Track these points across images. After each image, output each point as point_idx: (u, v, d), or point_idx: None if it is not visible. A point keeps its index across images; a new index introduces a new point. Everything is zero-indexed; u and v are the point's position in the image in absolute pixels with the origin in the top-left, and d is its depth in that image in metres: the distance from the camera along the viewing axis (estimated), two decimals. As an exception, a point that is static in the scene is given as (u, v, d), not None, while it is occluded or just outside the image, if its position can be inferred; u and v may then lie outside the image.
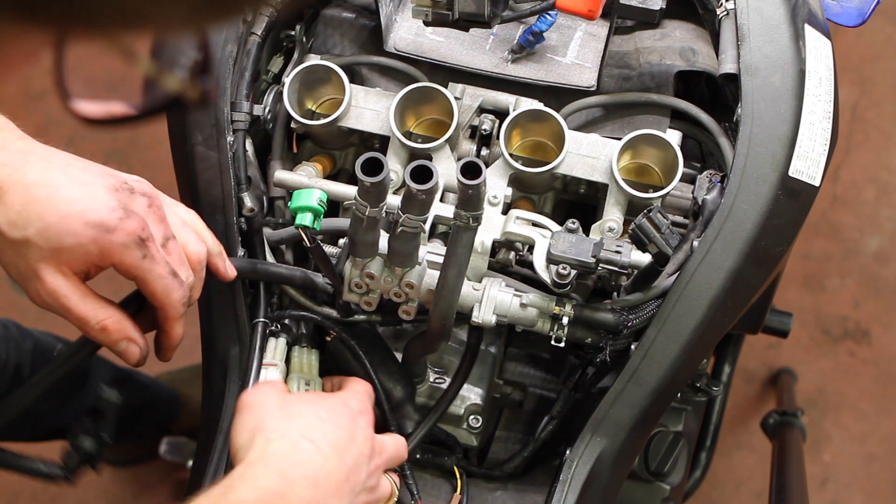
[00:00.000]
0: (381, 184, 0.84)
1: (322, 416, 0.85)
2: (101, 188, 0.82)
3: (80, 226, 0.80)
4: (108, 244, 0.81)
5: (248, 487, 0.77)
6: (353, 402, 0.90)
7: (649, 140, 1.00)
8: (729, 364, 1.74)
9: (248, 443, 0.82)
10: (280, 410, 0.85)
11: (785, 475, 1.55)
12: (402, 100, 1.02)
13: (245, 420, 0.85)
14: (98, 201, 0.81)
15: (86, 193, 0.81)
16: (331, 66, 1.04)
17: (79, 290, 0.83)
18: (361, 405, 0.91)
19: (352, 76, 1.10)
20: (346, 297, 0.98)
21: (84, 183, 0.82)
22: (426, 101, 1.05)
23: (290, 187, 1.04)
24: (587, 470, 0.97)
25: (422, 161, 0.83)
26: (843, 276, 2.14)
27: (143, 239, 0.82)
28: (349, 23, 1.12)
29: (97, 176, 0.83)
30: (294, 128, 1.07)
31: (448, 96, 1.02)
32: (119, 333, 0.86)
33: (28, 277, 0.82)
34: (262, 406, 0.86)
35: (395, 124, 1.02)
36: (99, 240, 0.81)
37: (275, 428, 0.83)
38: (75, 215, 0.80)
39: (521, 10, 1.02)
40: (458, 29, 1.02)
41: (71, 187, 0.81)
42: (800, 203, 0.99)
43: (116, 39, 0.38)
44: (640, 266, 0.96)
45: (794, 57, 0.99)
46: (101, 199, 0.81)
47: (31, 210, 0.79)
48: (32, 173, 0.80)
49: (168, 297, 0.86)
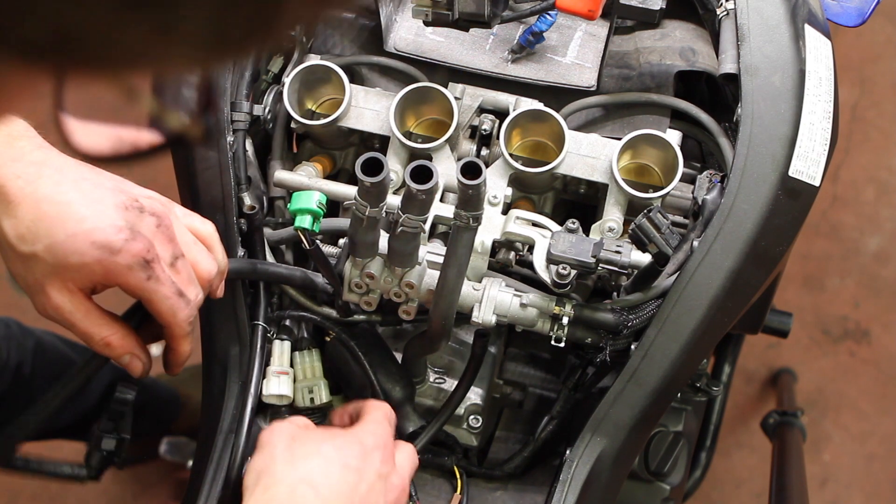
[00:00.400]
0: (381, 184, 0.84)
1: (329, 457, 0.83)
2: (111, 206, 0.82)
3: (87, 245, 0.81)
4: (113, 265, 0.82)
5: None
6: (368, 437, 0.86)
7: (649, 140, 1.00)
8: (729, 364, 1.74)
9: (253, 485, 0.82)
10: (286, 452, 0.83)
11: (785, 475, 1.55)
12: (402, 100, 1.02)
13: (255, 461, 0.84)
14: (105, 221, 0.81)
15: (95, 212, 0.81)
16: (331, 66, 1.04)
17: (83, 307, 0.85)
18: (377, 439, 0.87)
19: (352, 76, 1.10)
20: (346, 297, 0.98)
21: (94, 200, 0.82)
22: (426, 101, 1.05)
23: (290, 187, 1.04)
24: (587, 470, 0.97)
25: (422, 161, 0.83)
26: (843, 276, 2.14)
27: (149, 260, 0.83)
28: (349, 23, 1.13)
29: (108, 193, 0.83)
30: (294, 128, 1.07)
31: (448, 96, 1.02)
32: (123, 349, 0.88)
33: (34, 291, 0.84)
34: (272, 447, 0.84)
35: (395, 124, 1.02)
36: (104, 260, 0.81)
37: (277, 472, 0.82)
38: (82, 234, 0.80)
39: (521, 10, 1.02)
40: (458, 29, 1.02)
41: (81, 205, 0.81)
42: (800, 203, 0.99)
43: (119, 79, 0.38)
44: (640, 266, 0.96)
45: (794, 57, 0.99)
46: (108, 218, 0.81)
47: (40, 226, 0.80)
48: (45, 187, 0.81)
49: (174, 316, 0.87)
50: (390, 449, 0.88)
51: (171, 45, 0.36)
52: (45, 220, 0.80)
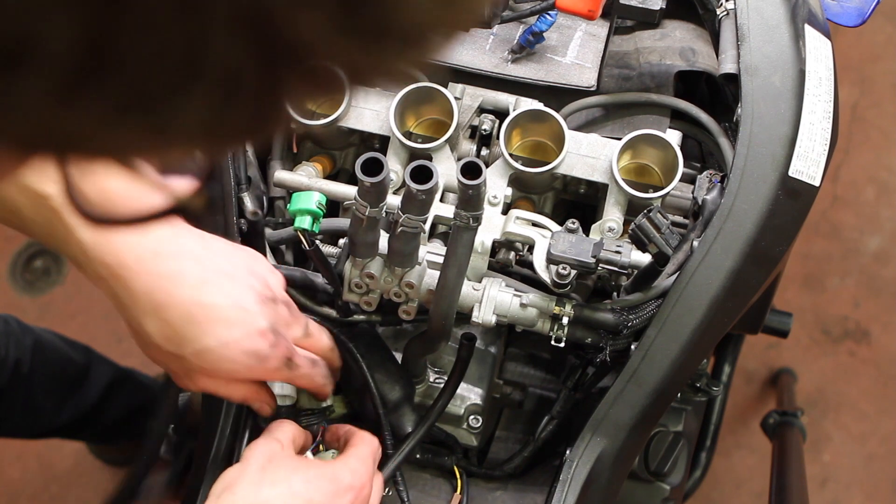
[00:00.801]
0: (381, 184, 0.84)
1: (296, 490, 0.83)
2: (253, 304, 0.84)
3: (237, 354, 0.83)
4: (262, 370, 0.86)
5: None
6: (345, 475, 0.86)
7: (649, 140, 1.00)
8: (729, 364, 1.74)
9: (215, 497, 0.83)
10: (257, 474, 0.83)
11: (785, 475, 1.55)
12: (401, 100, 1.02)
13: (229, 472, 0.85)
14: (252, 326, 0.84)
15: (241, 318, 0.83)
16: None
17: (224, 385, 0.89)
18: (353, 479, 0.86)
19: (352, 76, 1.09)
20: (345, 297, 0.98)
21: (238, 301, 0.84)
22: (426, 101, 1.05)
23: (290, 187, 1.04)
24: (587, 470, 0.97)
25: (422, 161, 0.83)
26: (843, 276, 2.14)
27: (290, 357, 0.87)
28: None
29: (246, 287, 0.85)
30: (294, 128, 1.07)
31: (448, 96, 1.02)
32: (256, 400, 0.93)
33: (176, 375, 0.88)
34: (247, 463, 0.85)
35: (395, 124, 1.02)
36: (253, 367, 0.85)
37: (239, 491, 0.82)
38: (233, 344, 0.83)
39: (521, 10, 1.02)
40: (458, 29, 1.02)
41: (227, 308, 0.83)
42: (800, 203, 0.99)
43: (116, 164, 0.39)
44: (640, 266, 0.96)
45: (794, 57, 0.99)
46: (254, 322, 0.84)
47: (188, 331, 0.82)
48: (189, 288, 0.82)
49: (313, 383, 0.93)
50: (366, 491, 0.87)
51: (166, 140, 0.36)
52: (193, 326, 0.82)
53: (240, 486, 0.83)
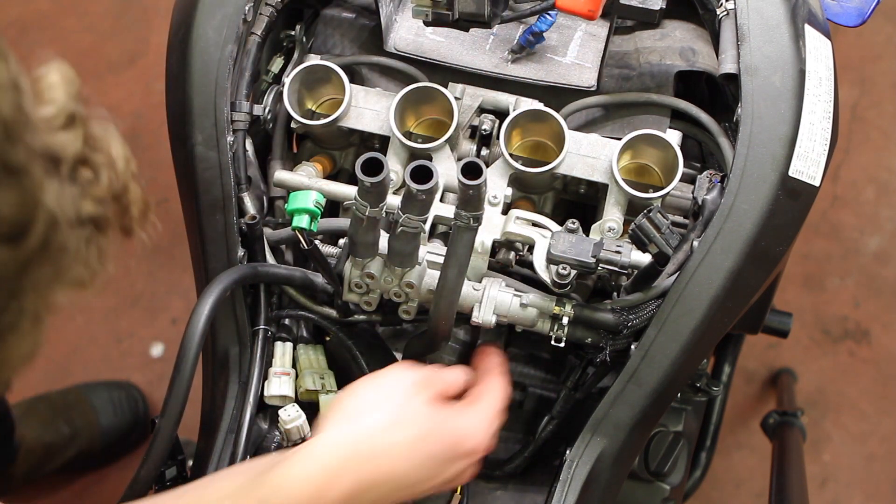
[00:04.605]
0: (381, 184, 0.84)
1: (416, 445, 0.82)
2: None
3: None
4: None
5: None
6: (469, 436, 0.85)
7: (649, 140, 1.00)
8: (729, 364, 1.74)
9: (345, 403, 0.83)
10: (405, 397, 0.83)
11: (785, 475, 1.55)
12: (402, 100, 1.02)
13: (370, 386, 0.85)
14: None
15: None
16: (331, 66, 1.04)
17: None
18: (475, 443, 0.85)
19: (352, 76, 1.10)
20: (346, 297, 0.98)
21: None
22: (426, 101, 1.05)
23: (290, 187, 1.04)
24: (587, 470, 0.97)
25: (422, 161, 0.83)
26: (843, 276, 2.14)
27: None
28: (349, 23, 1.13)
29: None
30: (294, 128, 1.07)
31: (448, 96, 1.02)
32: None
33: None
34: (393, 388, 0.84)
35: (395, 124, 1.02)
36: None
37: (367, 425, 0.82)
38: None
39: (521, 10, 1.02)
40: (458, 29, 1.02)
41: None
42: (800, 203, 0.99)
43: None
44: (640, 266, 0.96)
45: (794, 57, 0.99)
46: None
47: None
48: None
49: None
50: (479, 455, 0.86)
51: None
52: None
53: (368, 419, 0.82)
